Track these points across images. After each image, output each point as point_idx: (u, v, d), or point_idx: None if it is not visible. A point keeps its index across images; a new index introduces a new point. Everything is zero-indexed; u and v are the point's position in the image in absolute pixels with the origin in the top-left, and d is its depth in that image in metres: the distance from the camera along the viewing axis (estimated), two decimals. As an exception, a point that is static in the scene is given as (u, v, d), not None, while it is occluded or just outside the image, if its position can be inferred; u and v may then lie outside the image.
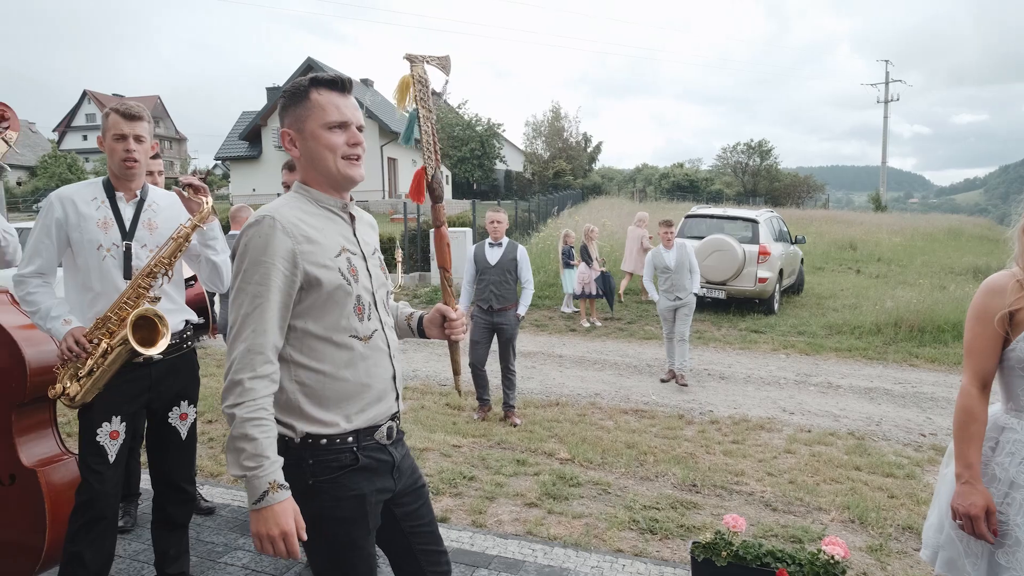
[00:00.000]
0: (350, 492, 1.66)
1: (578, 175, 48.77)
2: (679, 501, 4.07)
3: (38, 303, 2.49)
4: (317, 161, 1.68)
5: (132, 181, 2.59)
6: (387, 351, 1.75)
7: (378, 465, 1.72)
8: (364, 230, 1.82)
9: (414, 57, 1.84)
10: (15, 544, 2.69)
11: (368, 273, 1.74)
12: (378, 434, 1.72)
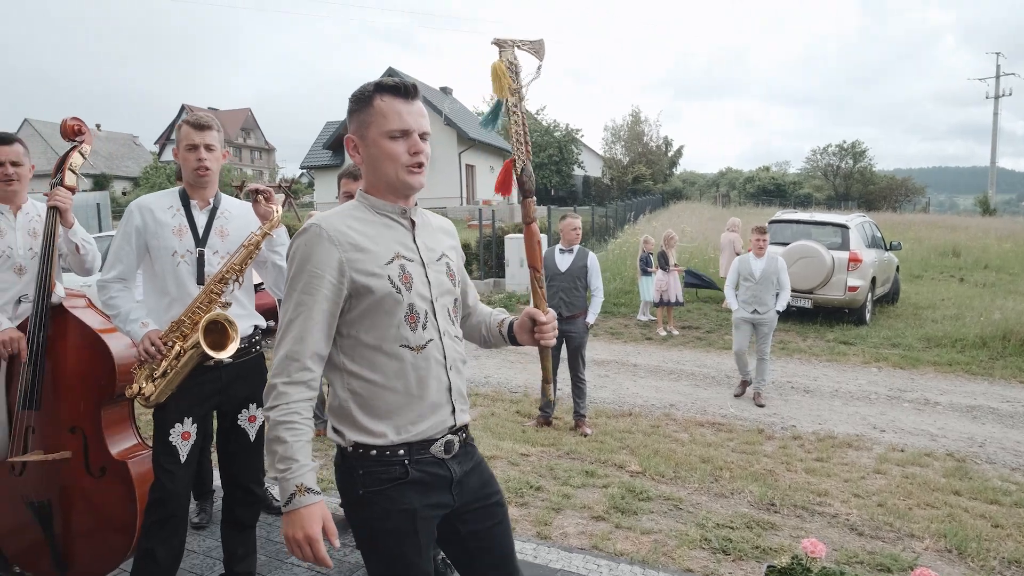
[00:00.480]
0: (399, 506, 1.63)
1: (658, 180, 47.95)
2: (755, 521, 3.87)
3: (118, 307, 2.61)
4: (378, 168, 1.67)
5: (205, 189, 2.68)
6: (443, 362, 1.68)
7: (432, 480, 1.67)
8: (429, 235, 1.77)
9: (503, 42, 1.76)
10: (109, 531, 2.82)
11: (427, 280, 1.68)
12: (434, 448, 1.67)
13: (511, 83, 1.73)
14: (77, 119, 3.05)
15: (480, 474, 1.80)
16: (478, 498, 1.77)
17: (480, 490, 1.78)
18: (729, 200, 44.26)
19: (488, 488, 1.80)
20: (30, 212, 3.08)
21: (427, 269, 1.69)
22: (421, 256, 1.70)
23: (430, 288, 1.68)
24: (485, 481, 1.80)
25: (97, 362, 2.82)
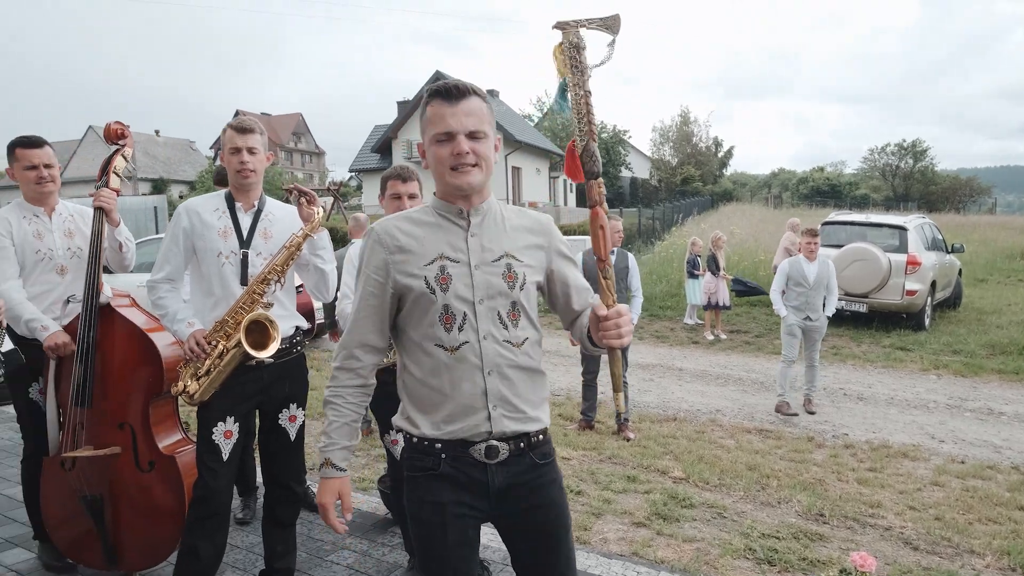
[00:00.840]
0: (430, 497, 1.68)
1: (707, 181, 47.21)
2: (803, 531, 3.74)
3: (166, 306, 2.67)
4: (433, 172, 1.72)
5: (249, 191, 2.72)
6: (479, 365, 1.65)
7: (468, 481, 1.67)
8: (496, 235, 1.72)
9: (566, 24, 1.70)
10: (158, 523, 2.90)
11: (470, 283, 1.66)
12: (474, 449, 1.66)
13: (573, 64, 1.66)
14: (120, 123, 3.14)
15: (531, 496, 1.72)
16: (530, 522, 1.73)
17: (528, 512, 1.73)
18: (781, 202, 43.24)
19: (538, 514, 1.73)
20: (63, 213, 3.17)
21: (474, 270, 1.67)
22: (470, 257, 1.68)
23: (472, 290, 1.66)
24: (536, 505, 1.73)
25: (144, 360, 2.90)
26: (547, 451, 1.77)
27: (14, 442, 5.27)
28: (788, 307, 6.50)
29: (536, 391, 1.74)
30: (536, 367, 1.74)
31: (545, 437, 1.77)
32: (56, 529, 3.05)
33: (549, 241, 1.78)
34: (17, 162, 3.04)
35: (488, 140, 1.67)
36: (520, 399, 1.69)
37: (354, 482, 4.41)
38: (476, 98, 1.65)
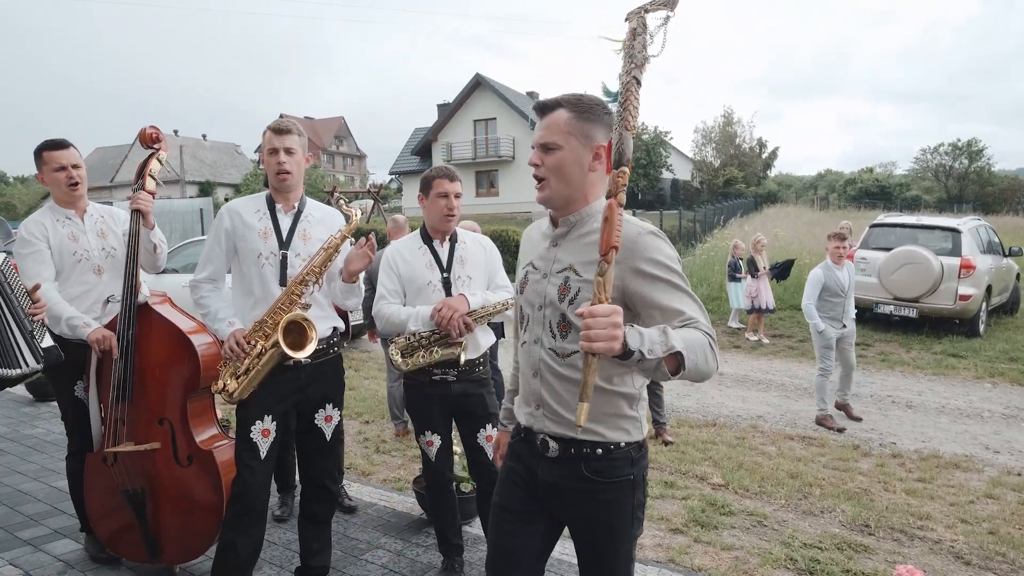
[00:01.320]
0: (507, 460, 1.92)
1: (751, 183, 46.36)
2: (847, 542, 3.62)
3: (208, 306, 2.72)
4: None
5: (289, 192, 2.75)
6: (529, 365, 1.79)
7: (527, 460, 1.82)
8: (572, 250, 1.71)
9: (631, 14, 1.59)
10: (197, 517, 2.95)
11: (538, 291, 1.77)
12: (536, 438, 1.79)
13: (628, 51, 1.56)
14: (155, 128, 3.20)
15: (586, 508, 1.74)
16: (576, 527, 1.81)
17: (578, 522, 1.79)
18: (828, 203, 42.22)
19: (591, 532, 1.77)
20: (94, 214, 3.23)
21: (544, 280, 1.76)
22: (547, 267, 1.76)
23: (537, 296, 1.78)
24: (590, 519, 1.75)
25: (181, 357, 2.95)
26: (604, 469, 1.71)
27: (63, 436, 5.44)
28: (824, 318, 6.19)
29: (599, 406, 1.67)
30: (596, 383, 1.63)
31: (606, 454, 1.71)
32: (99, 522, 3.12)
33: (626, 257, 1.60)
34: (46, 165, 3.09)
35: (560, 151, 1.68)
36: (563, 407, 1.71)
37: (389, 482, 4.43)
38: (560, 110, 1.69)
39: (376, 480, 4.46)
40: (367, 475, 4.55)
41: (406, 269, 2.92)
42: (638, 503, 1.76)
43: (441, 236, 2.96)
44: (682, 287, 1.63)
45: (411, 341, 2.84)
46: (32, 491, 4.22)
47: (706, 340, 1.54)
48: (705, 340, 1.53)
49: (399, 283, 2.92)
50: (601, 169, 1.72)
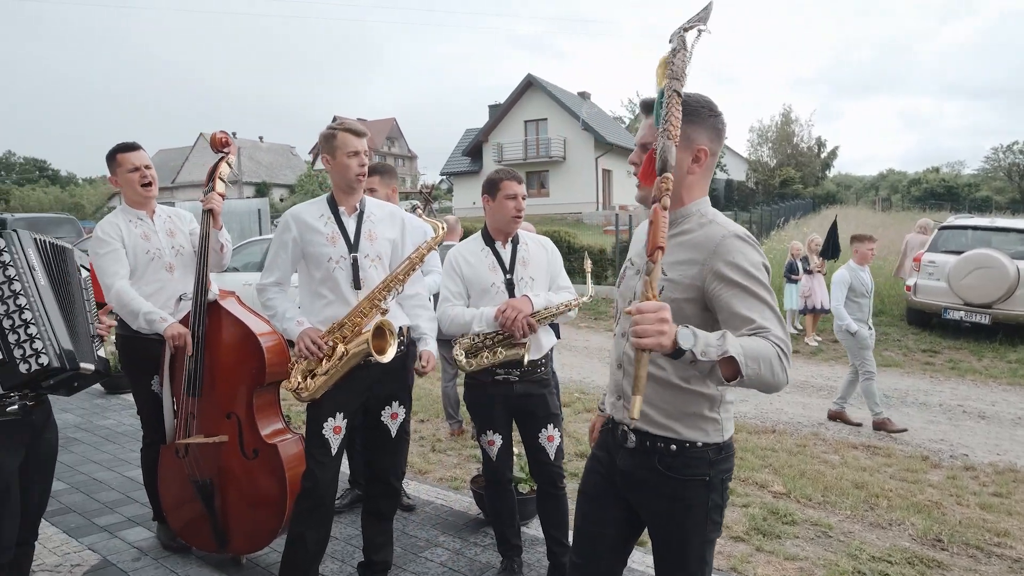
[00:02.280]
0: (597, 448, 1.97)
1: (808, 183, 45.14)
2: (918, 557, 3.48)
3: (275, 307, 2.79)
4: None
5: (355, 194, 2.80)
6: (615, 356, 1.88)
7: (607, 447, 1.89)
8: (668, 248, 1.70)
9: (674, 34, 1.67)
10: (263, 509, 3.03)
11: (631, 286, 1.84)
12: (617, 428, 1.85)
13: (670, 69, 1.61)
14: (224, 132, 3.30)
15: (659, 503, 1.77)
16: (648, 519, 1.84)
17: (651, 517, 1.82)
18: (890, 204, 40.79)
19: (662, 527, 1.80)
20: (162, 215, 3.33)
21: (639, 276, 1.79)
22: (642, 264, 1.77)
23: (628, 292, 1.85)
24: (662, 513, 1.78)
25: (248, 353, 3.03)
26: (678, 466, 1.72)
27: (135, 427, 5.66)
28: (858, 322, 6.07)
29: (676, 404, 1.71)
30: (672, 381, 1.71)
31: (680, 452, 1.72)
32: (172, 511, 3.24)
33: (708, 259, 1.63)
34: (120, 167, 3.20)
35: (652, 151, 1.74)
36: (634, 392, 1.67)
37: (445, 481, 4.47)
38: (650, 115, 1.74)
39: (433, 479, 4.50)
40: (423, 473, 4.60)
41: (469, 271, 2.94)
42: (714, 505, 1.74)
43: (504, 238, 2.97)
44: (759, 294, 1.58)
45: (475, 341, 2.86)
46: (106, 480, 4.41)
47: (775, 351, 1.49)
48: (773, 351, 1.49)
49: (462, 285, 2.95)
50: (700, 172, 1.73)
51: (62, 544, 3.41)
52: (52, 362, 2.20)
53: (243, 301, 3.27)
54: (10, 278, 2.23)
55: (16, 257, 2.25)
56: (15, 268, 2.24)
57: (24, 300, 2.22)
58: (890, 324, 10.73)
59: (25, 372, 2.17)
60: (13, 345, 2.18)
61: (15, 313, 2.20)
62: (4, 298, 2.21)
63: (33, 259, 2.30)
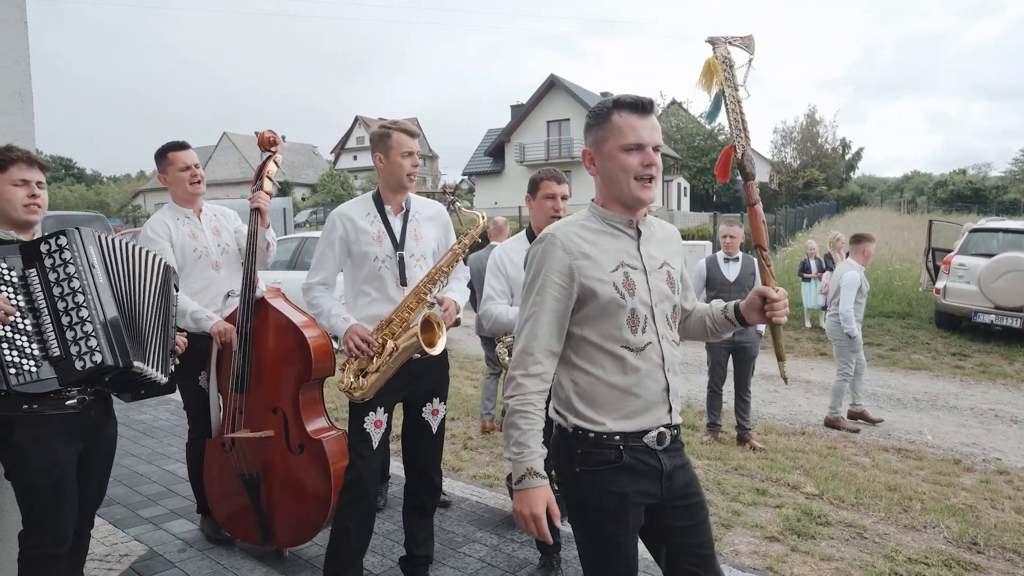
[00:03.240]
0: (612, 488, 1.74)
1: (832, 185, 44.65)
2: (954, 559, 3.47)
3: (321, 305, 2.83)
4: (612, 181, 1.76)
5: (402, 193, 2.85)
6: (660, 364, 1.77)
7: (644, 468, 1.76)
8: (654, 244, 1.84)
9: (716, 40, 1.82)
10: (307, 504, 3.09)
11: (648, 287, 1.77)
12: (647, 438, 1.76)
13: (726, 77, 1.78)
14: (272, 131, 3.36)
15: (686, 473, 1.86)
16: (682, 495, 1.83)
17: (685, 488, 1.84)
18: (916, 206, 40.22)
19: (692, 488, 1.86)
20: (208, 213, 3.41)
21: (649, 277, 1.78)
22: (644, 264, 1.79)
23: (651, 295, 1.77)
24: (689, 481, 1.86)
25: (294, 349, 3.09)
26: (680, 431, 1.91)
27: (171, 423, 5.78)
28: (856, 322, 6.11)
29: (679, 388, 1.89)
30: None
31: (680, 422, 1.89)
32: (217, 503, 3.31)
33: (681, 248, 1.96)
34: (171, 165, 3.28)
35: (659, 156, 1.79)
36: (681, 391, 1.86)
37: (478, 478, 4.52)
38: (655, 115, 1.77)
39: (466, 476, 4.55)
40: (457, 471, 4.65)
41: (514, 271, 2.98)
42: None
43: None
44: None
45: None
46: (147, 473, 4.51)
47: None
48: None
49: (507, 284, 2.99)
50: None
51: (109, 535, 3.51)
52: (106, 360, 2.23)
53: (285, 295, 3.34)
54: (70, 275, 2.26)
55: (76, 255, 2.30)
56: (75, 266, 2.28)
57: (82, 298, 2.25)
58: (918, 327, 10.63)
59: (80, 369, 2.21)
60: (70, 342, 2.22)
61: (73, 310, 2.24)
62: (64, 295, 2.24)
63: (93, 257, 2.35)
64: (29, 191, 2.32)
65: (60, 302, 2.24)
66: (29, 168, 2.33)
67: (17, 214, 2.31)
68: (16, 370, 2.13)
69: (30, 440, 2.23)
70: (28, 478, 2.26)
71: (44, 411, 2.25)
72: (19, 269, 2.24)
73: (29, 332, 2.19)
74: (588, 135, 1.81)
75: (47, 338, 2.21)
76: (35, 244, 2.28)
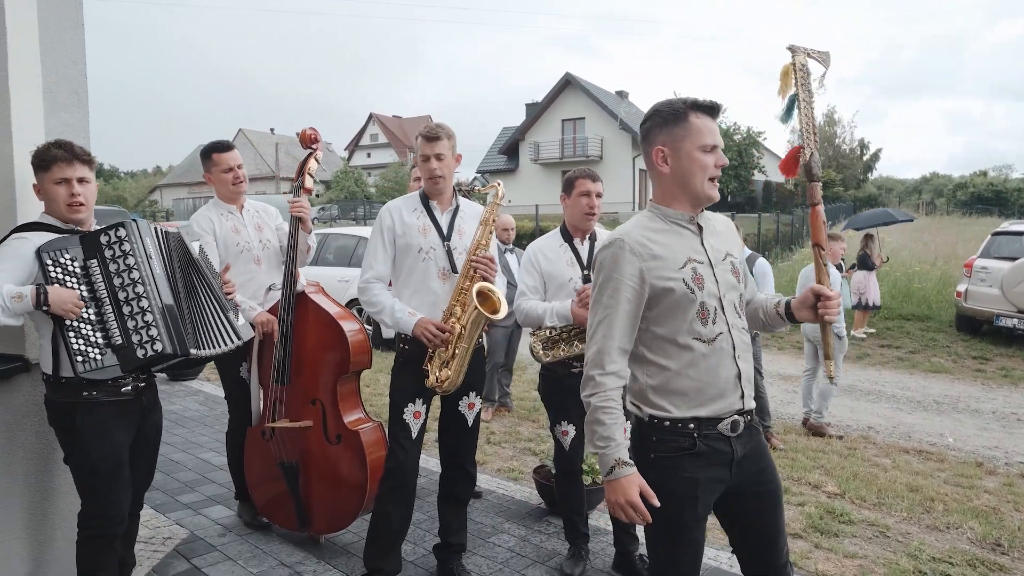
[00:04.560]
0: (684, 474, 1.83)
1: (849, 186, 44.33)
2: (979, 559, 3.51)
3: (381, 302, 2.86)
4: (685, 179, 1.85)
5: (443, 193, 2.93)
6: (731, 352, 1.86)
7: (716, 455, 1.85)
8: (715, 237, 1.94)
9: (796, 48, 1.93)
10: (343, 493, 3.19)
11: (715, 279, 1.86)
12: (721, 425, 1.85)
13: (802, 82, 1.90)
14: (313, 129, 3.43)
15: (759, 460, 1.94)
16: (755, 482, 1.92)
17: (758, 475, 1.93)
18: (935, 208, 39.86)
19: (765, 475, 1.95)
20: (251, 209, 3.50)
21: (715, 269, 1.88)
22: (709, 258, 1.88)
23: (718, 286, 1.87)
24: (763, 468, 1.95)
25: (334, 342, 3.18)
26: (756, 420, 1.98)
27: (201, 413, 5.92)
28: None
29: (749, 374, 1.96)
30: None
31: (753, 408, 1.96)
32: (256, 490, 3.42)
33: (739, 239, 2.08)
34: (216, 166, 3.37)
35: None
36: (752, 376, 1.93)
37: (503, 472, 4.60)
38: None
39: (491, 470, 4.63)
40: (481, 464, 4.72)
41: (548, 267, 3.06)
42: None
43: (581, 235, 3.09)
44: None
45: (552, 335, 2.98)
46: (182, 461, 4.64)
47: None
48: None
49: (540, 280, 3.07)
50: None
51: (151, 518, 3.62)
52: (166, 348, 2.33)
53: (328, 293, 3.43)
54: (130, 267, 2.36)
55: (135, 246, 2.39)
56: (134, 257, 2.37)
57: (142, 288, 2.35)
58: (938, 330, 10.59)
59: (142, 356, 2.31)
60: (131, 331, 2.32)
61: (134, 300, 2.34)
62: (124, 285, 2.34)
63: (150, 248, 2.44)
64: (69, 189, 2.33)
65: (121, 292, 2.34)
66: (68, 165, 2.32)
67: (62, 214, 2.37)
68: (83, 357, 2.24)
69: (91, 426, 2.34)
70: (89, 463, 2.36)
71: (101, 398, 2.35)
72: (80, 260, 2.33)
73: (92, 321, 2.29)
74: (658, 133, 1.87)
75: (109, 326, 2.31)
76: (95, 235, 2.37)
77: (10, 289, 2.14)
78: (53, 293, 2.18)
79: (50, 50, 2.71)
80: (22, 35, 2.57)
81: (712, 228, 1.95)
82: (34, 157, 2.36)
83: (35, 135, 2.60)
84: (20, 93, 2.56)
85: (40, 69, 2.66)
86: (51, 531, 2.75)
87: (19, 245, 2.27)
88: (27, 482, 2.63)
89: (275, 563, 3.18)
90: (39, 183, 2.37)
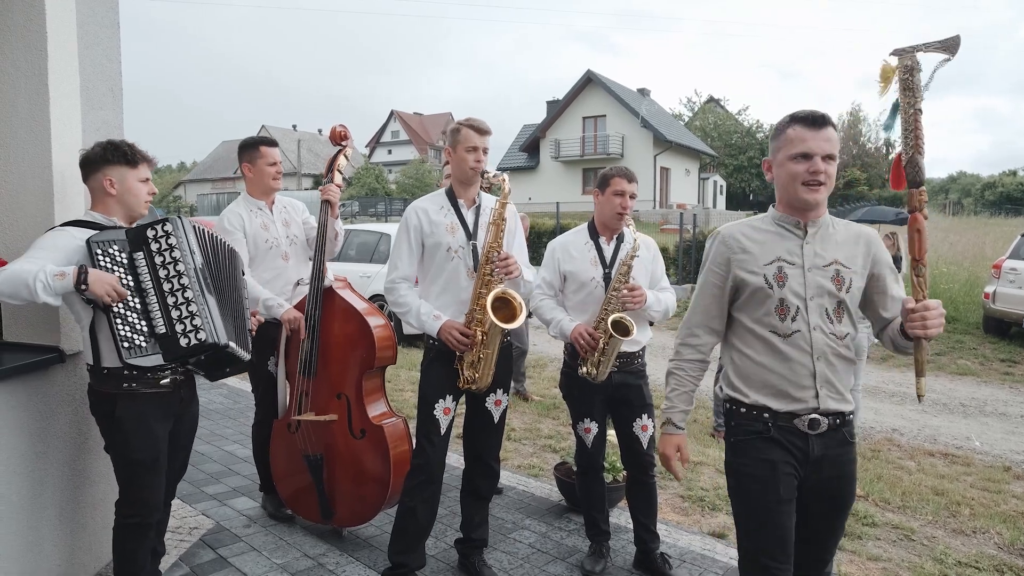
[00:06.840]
0: (761, 455, 1.97)
1: (874, 185, 43.71)
2: (1006, 565, 3.46)
3: (408, 304, 2.88)
4: (782, 186, 2.01)
5: (471, 188, 2.94)
6: (808, 351, 1.95)
7: (792, 447, 1.96)
8: (826, 245, 2.00)
9: (903, 50, 1.90)
10: (367, 486, 3.22)
11: (803, 282, 1.96)
12: (799, 421, 1.95)
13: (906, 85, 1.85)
14: (343, 126, 3.46)
15: (840, 467, 2.00)
16: (827, 487, 1.99)
17: (832, 481, 1.99)
18: (962, 208, 39.19)
19: (839, 483, 2.00)
20: (279, 205, 3.54)
21: (806, 272, 1.97)
22: (804, 261, 1.98)
23: (805, 288, 1.97)
24: (841, 475, 2.01)
25: (360, 337, 3.21)
26: (853, 432, 2.05)
27: (225, 406, 6.00)
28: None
29: (850, 378, 2.04)
30: (852, 358, 2.02)
31: (847, 420, 2.01)
32: (281, 482, 3.46)
33: (872, 251, 2.04)
34: (262, 158, 3.42)
35: (835, 163, 1.97)
36: (840, 383, 1.99)
37: (523, 468, 4.62)
38: (832, 128, 1.95)
39: (511, 466, 4.65)
40: (502, 460, 4.72)
41: (571, 264, 3.06)
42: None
43: (609, 234, 3.08)
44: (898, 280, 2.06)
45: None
46: (208, 453, 4.71)
47: None
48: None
49: (559, 278, 3.08)
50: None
51: (178, 508, 3.69)
52: (208, 338, 2.37)
53: (351, 285, 3.46)
54: (175, 259, 2.41)
55: (180, 240, 2.45)
56: (179, 251, 2.42)
57: (187, 280, 2.40)
58: (964, 332, 10.44)
59: (185, 346, 2.36)
60: (175, 320, 2.37)
61: (178, 291, 2.39)
62: (170, 276, 2.39)
63: (193, 243, 2.50)
64: (150, 189, 2.57)
65: (166, 283, 2.39)
66: (149, 166, 2.55)
67: (140, 209, 2.54)
68: (128, 344, 2.29)
69: (132, 417, 2.39)
70: (129, 453, 2.42)
71: (141, 389, 2.40)
72: (127, 252, 2.39)
73: (138, 310, 2.35)
74: (770, 146, 2.06)
75: (153, 316, 2.36)
76: (142, 230, 2.42)
77: (52, 268, 2.20)
78: (94, 275, 2.23)
79: (88, 49, 2.77)
80: (62, 35, 2.62)
81: (826, 235, 2.01)
82: (118, 154, 2.46)
83: (73, 133, 2.66)
84: (59, 90, 2.61)
85: (78, 67, 2.72)
86: (83, 519, 2.81)
87: (56, 236, 2.34)
88: (60, 470, 2.69)
89: (299, 554, 3.22)
90: (116, 178, 2.45)
